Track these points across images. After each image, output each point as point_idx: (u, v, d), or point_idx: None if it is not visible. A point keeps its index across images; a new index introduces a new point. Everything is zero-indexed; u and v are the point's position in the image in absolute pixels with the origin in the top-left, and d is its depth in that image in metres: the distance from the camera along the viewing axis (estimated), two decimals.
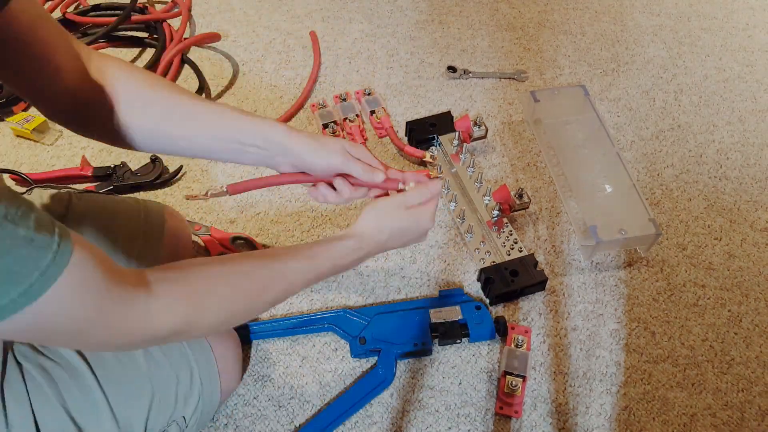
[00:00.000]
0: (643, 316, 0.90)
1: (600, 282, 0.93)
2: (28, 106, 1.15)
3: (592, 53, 1.29)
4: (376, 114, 1.13)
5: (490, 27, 1.34)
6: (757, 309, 0.91)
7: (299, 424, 0.79)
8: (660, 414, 0.81)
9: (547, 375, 0.84)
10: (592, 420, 0.80)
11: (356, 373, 0.83)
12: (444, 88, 1.21)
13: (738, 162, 1.10)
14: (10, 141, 1.10)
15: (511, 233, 0.96)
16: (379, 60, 1.26)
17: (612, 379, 0.84)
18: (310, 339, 0.87)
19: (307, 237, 0.98)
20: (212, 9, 1.37)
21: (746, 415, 0.81)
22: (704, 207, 1.03)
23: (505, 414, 0.80)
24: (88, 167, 1.03)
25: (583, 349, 0.86)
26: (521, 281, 0.89)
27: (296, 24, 1.33)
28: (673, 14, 1.39)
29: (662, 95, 1.21)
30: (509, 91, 1.21)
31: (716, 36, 1.34)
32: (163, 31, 1.26)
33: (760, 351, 0.87)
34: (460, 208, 1.00)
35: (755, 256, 0.97)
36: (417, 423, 0.79)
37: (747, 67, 1.27)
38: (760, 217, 1.02)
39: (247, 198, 1.02)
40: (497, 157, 1.10)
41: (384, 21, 1.35)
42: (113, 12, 1.29)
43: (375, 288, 0.92)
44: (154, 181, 1.02)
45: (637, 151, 1.11)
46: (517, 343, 0.84)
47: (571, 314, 0.90)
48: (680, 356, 0.86)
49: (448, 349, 0.86)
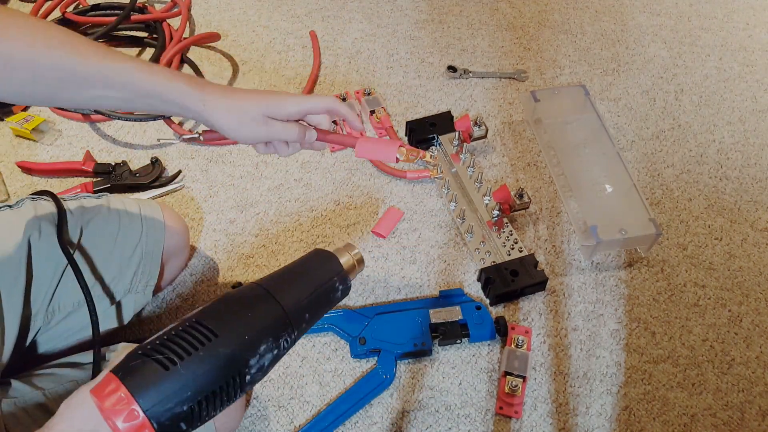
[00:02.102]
0: (644, 316, 0.90)
1: (600, 282, 0.93)
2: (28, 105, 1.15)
3: (592, 53, 1.29)
4: (376, 114, 1.13)
5: (490, 27, 1.34)
6: (758, 309, 0.91)
7: (299, 425, 0.79)
8: (660, 414, 0.81)
9: (548, 375, 0.84)
10: (593, 420, 0.80)
11: (356, 373, 0.83)
12: (444, 88, 1.21)
13: (738, 162, 1.10)
14: (9, 141, 1.10)
15: (511, 233, 0.96)
16: (379, 60, 1.26)
17: (612, 380, 0.83)
18: (310, 339, 0.87)
19: (307, 237, 0.97)
20: (212, 9, 1.37)
21: (746, 416, 0.81)
22: (704, 207, 1.03)
23: (505, 414, 0.79)
24: (90, 162, 1.03)
25: (584, 349, 0.86)
26: (521, 281, 0.89)
27: (296, 24, 1.33)
28: (673, 14, 1.39)
29: (662, 95, 1.21)
30: (509, 91, 1.21)
31: (716, 36, 1.34)
32: (162, 30, 1.25)
33: (761, 351, 0.87)
34: (460, 208, 1.00)
35: (756, 256, 0.97)
36: (417, 423, 0.79)
37: (747, 67, 1.27)
38: (761, 217, 1.02)
39: (247, 198, 1.02)
40: (497, 157, 1.10)
41: (384, 21, 1.34)
42: (113, 12, 1.29)
43: (375, 288, 0.92)
44: (152, 183, 1.02)
45: (638, 151, 1.11)
46: (517, 344, 0.84)
47: (571, 314, 0.90)
48: (680, 356, 0.86)
49: (448, 349, 0.86)
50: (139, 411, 0.41)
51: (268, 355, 0.48)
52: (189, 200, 1.02)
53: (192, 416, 0.44)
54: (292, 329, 0.51)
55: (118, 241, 0.74)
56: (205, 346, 0.45)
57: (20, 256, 0.66)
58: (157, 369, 0.43)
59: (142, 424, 0.41)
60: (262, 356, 0.48)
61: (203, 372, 0.44)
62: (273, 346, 0.49)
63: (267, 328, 0.49)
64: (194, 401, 0.43)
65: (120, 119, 1.07)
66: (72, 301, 0.69)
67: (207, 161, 1.07)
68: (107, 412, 0.41)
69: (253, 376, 0.47)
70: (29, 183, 1.04)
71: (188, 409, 0.43)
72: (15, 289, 0.65)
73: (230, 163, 1.07)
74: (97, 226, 0.73)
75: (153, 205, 0.81)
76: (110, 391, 0.41)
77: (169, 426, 0.42)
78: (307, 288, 0.54)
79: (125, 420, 0.41)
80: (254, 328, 0.48)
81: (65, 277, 0.69)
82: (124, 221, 0.76)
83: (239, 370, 0.46)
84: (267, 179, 1.05)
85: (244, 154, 1.09)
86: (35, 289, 0.67)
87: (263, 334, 0.48)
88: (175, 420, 0.43)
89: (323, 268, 0.57)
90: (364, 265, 0.61)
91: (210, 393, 0.44)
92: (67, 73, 0.54)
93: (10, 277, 0.65)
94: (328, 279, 0.56)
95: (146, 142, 1.10)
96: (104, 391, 0.42)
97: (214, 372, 0.45)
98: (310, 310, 0.53)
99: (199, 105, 0.58)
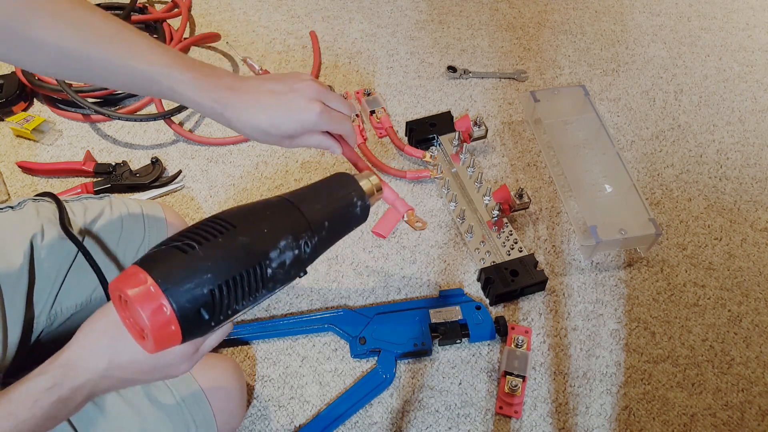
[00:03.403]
0: (643, 316, 0.90)
1: (600, 282, 0.93)
2: (28, 106, 1.15)
3: (592, 53, 1.29)
4: (376, 114, 1.13)
5: (490, 27, 1.34)
6: (757, 309, 0.91)
7: (299, 424, 0.79)
8: (660, 414, 0.81)
9: (547, 375, 0.84)
10: (592, 420, 0.80)
11: (356, 373, 0.83)
12: (444, 88, 1.21)
13: (738, 162, 1.10)
14: (9, 141, 1.10)
15: (511, 233, 0.96)
16: (379, 60, 1.26)
17: (612, 379, 0.84)
18: (310, 339, 0.87)
19: None
20: (212, 9, 1.37)
21: (746, 416, 0.81)
22: (704, 207, 1.03)
23: (505, 414, 0.80)
24: (91, 162, 1.03)
25: (583, 349, 0.86)
26: (521, 281, 0.89)
27: (296, 24, 1.33)
28: (673, 14, 1.39)
29: (662, 95, 1.21)
30: (509, 91, 1.21)
31: (716, 36, 1.34)
32: (162, 31, 1.25)
33: (760, 351, 0.87)
34: (460, 208, 1.00)
35: (755, 256, 0.97)
36: (417, 423, 0.79)
37: (747, 67, 1.27)
38: (761, 217, 1.02)
39: (247, 198, 1.02)
40: (497, 157, 1.10)
41: (384, 21, 1.34)
42: (113, 12, 1.29)
43: (375, 288, 0.92)
44: (152, 183, 1.02)
45: (637, 151, 1.11)
46: (517, 343, 0.84)
47: (571, 314, 0.90)
48: (680, 356, 0.86)
49: (448, 349, 0.86)
50: (167, 305, 0.41)
51: (288, 253, 0.48)
52: (189, 200, 1.02)
53: (213, 303, 0.43)
54: (312, 233, 0.51)
55: (121, 242, 0.74)
56: (223, 235, 0.45)
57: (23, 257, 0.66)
58: (176, 253, 0.43)
59: (168, 320, 0.41)
60: (282, 252, 0.48)
61: (222, 256, 0.44)
62: (293, 245, 0.49)
63: (286, 226, 0.49)
64: (214, 285, 0.43)
65: (120, 119, 1.07)
66: (75, 302, 0.69)
67: (207, 161, 1.08)
68: (134, 301, 0.40)
69: (274, 271, 0.47)
70: (29, 183, 1.04)
71: (208, 293, 0.42)
72: (18, 291, 0.65)
73: (230, 163, 1.07)
74: (100, 228, 0.73)
75: (155, 206, 0.81)
76: (138, 281, 0.41)
77: (190, 311, 0.42)
78: (326, 198, 0.54)
79: (152, 314, 0.41)
80: (273, 223, 0.48)
81: (68, 279, 0.69)
82: (126, 222, 0.76)
83: (259, 260, 0.46)
84: (267, 179, 1.05)
85: (244, 154, 1.09)
86: (38, 290, 0.67)
87: (282, 229, 0.48)
88: (195, 303, 0.42)
89: (343, 185, 0.57)
90: (382, 193, 0.62)
91: (231, 279, 0.44)
92: (93, 63, 0.54)
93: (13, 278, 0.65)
94: (347, 193, 0.57)
95: (146, 142, 1.10)
96: (130, 282, 0.41)
97: (234, 257, 0.45)
98: (329, 219, 0.53)
99: (193, 92, 0.57)
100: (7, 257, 0.65)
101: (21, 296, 0.65)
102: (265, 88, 0.58)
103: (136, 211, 0.78)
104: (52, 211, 0.71)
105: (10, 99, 1.12)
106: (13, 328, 0.64)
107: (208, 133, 1.12)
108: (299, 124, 0.59)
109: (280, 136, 0.59)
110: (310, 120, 0.59)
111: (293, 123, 0.58)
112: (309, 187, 0.56)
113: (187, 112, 1.14)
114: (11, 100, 1.12)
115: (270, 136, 0.59)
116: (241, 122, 0.58)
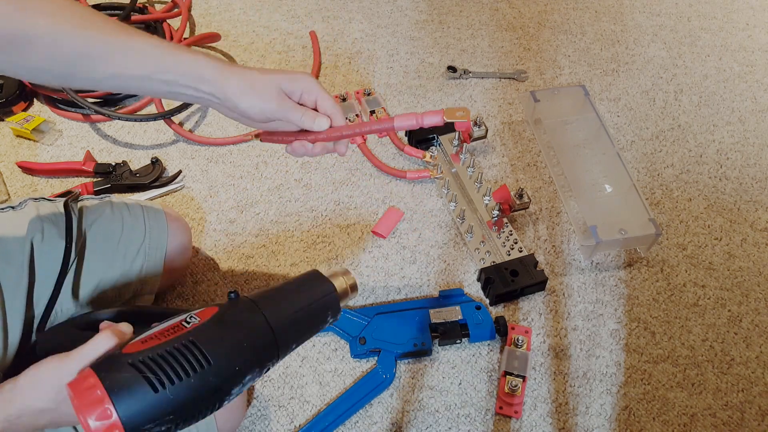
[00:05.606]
0: (643, 316, 0.90)
1: (600, 282, 0.93)
2: (28, 106, 1.15)
3: (592, 53, 1.29)
4: (376, 114, 1.13)
5: (490, 27, 1.34)
6: (757, 309, 0.91)
7: (299, 424, 0.79)
8: (660, 414, 0.81)
9: (547, 375, 0.84)
10: (592, 420, 0.80)
11: (356, 373, 0.83)
12: (444, 88, 1.21)
13: (738, 162, 1.10)
14: (9, 141, 1.10)
15: (511, 233, 0.96)
16: (379, 60, 1.26)
17: (612, 379, 0.84)
18: (311, 339, 0.86)
19: (307, 237, 0.98)
20: (212, 9, 1.37)
21: (746, 416, 0.81)
22: (704, 207, 1.03)
23: (505, 414, 0.80)
24: (90, 162, 1.03)
25: (583, 349, 0.86)
26: (521, 281, 0.89)
27: (296, 24, 1.33)
28: (673, 14, 1.39)
29: (662, 95, 1.21)
30: (509, 91, 1.21)
31: (716, 36, 1.34)
32: (163, 31, 1.25)
33: (760, 351, 0.87)
34: (460, 208, 1.00)
35: (755, 256, 0.97)
36: (417, 423, 0.79)
37: (747, 67, 1.27)
38: (760, 217, 1.02)
39: (247, 198, 1.02)
40: (497, 157, 1.10)
41: (384, 21, 1.34)
42: (113, 12, 1.29)
43: (375, 288, 0.92)
44: (152, 183, 1.02)
45: (637, 151, 1.11)
46: (517, 344, 0.84)
47: (571, 314, 0.90)
48: (680, 356, 0.86)
49: (448, 349, 0.86)
50: (112, 410, 0.42)
51: (249, 383, 0.51)
52: (189, 200, 1.02)
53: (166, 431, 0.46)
54: (278, 357, 0.53)
55: (121, 242, 0.74)
56: (197, 374, 0.46)
57: (23, 257, 0.66)
58: (147, 390, 0.44)
59: (113, 425, 0.42)
60: (244, 385, 0.50)
61: (191, 399, 0.45)
62: (257, 375, 0.51)
63: (257, 360, 0.51)
64: (173, 423, 0.45)
65: (120, 119, 1.07)
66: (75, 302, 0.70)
67: (207, 161, 1.08)
68: (81, 408, 0.42)
69: (230, 400, 0.49)
70: (30, 183, 1.04)
71: (165, 429, 0.45)
72: (18, 291, 0.65)
73: (230, 163, 1.07)
74: (101, 228, 0.74)
75: (155, 206, 0.81)
76: (104, 414, 0.42)
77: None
78: (300, 315, 0.56)
79: (98, 418, 0.42)
80: (246, 359, 0.50)
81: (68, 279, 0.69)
82: (127, 222, 0.76)
83: (221, 397, 0.48)
84: (267, 179, 1.05)
85: (244, 154, 1.09)
86: (38, 290, 0.67)
87: (253, 364, 0.50)
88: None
89: (317, 293, 0.59)
90: (358, 291, 0.63)
91: (189, 416, 0.46)
92: (86, 47, 0.53)
93: (14, 278, 0.65)
94: (321, 308, 0.58)
95: (146, 142, 1.10)
96: (95, 410, 0.42)
97: (201, 399, 0.46)
98: (298, 339, 0.56)
99: (215, 73, 0.57)
100: (8, 257, 0.65)
101: (22, 296, 0.65)
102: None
103: (137, 212, 0.78)
104: (53, 211, 0.71)
105: (10, 99, 1.12)
106: (14, 328, 0.64)
107: (208, 133, 1.12)
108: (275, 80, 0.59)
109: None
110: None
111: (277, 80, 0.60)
112: (285, 298, 0.56)
113: (187, 112, 1.14)
114: (11, 100, 1.12)
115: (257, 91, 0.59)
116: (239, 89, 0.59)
